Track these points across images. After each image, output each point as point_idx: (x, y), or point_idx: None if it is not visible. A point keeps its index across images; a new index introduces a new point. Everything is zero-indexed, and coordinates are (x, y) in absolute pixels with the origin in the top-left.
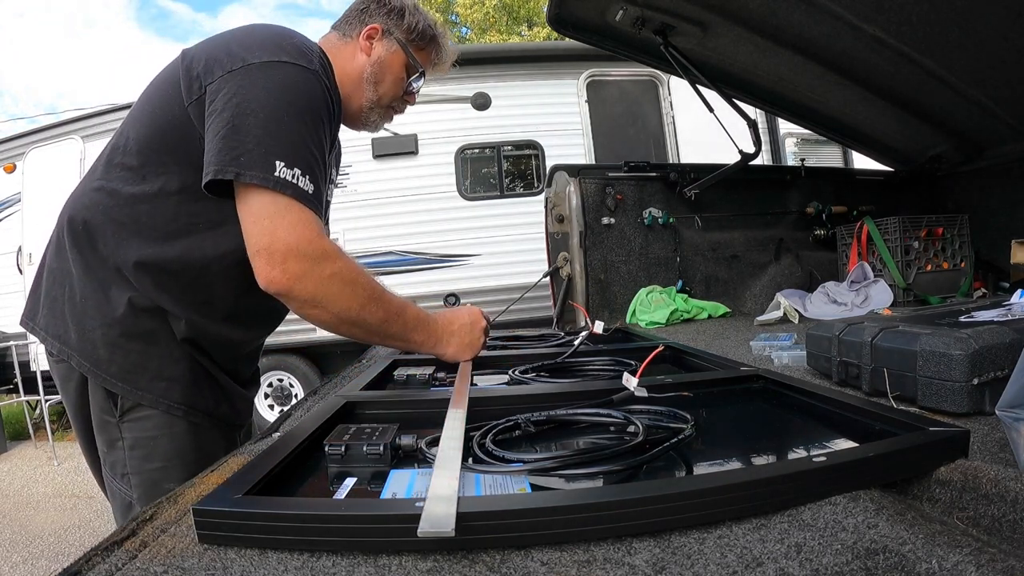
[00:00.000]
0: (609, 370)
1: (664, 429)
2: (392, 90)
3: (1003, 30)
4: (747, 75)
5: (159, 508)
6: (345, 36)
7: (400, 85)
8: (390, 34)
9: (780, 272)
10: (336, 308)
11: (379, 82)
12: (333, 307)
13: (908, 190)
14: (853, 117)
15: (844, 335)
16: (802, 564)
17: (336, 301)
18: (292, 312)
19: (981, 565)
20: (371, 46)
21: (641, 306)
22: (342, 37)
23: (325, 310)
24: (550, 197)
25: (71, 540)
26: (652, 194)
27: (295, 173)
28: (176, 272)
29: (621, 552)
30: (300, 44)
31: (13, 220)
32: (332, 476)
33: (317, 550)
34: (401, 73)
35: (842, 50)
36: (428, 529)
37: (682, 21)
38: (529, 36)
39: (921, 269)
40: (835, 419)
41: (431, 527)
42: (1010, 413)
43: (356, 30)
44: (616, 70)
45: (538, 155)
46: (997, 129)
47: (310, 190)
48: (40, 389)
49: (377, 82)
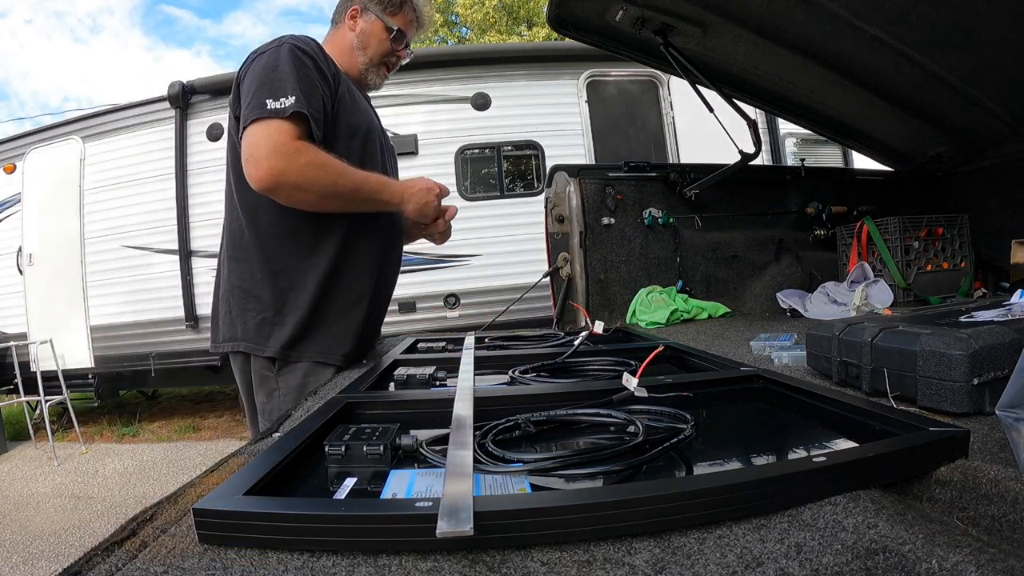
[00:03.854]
0: (609, 370)
1: (664, 429)
2: (378, 50)
3: (1003, 30)
4: (747, 75)
5: (159, 508)
6: (336, 24)
7: (384, 45)
8: (367, 9)
9: (780, 272)
10: (317, 188)
11: (365, 47)
12: (314, 188)
13: (908, 190)
14: (853, 117)
15: (844, 335)
16: (802, 564)
17: (316, 182)
18: (281, 202)
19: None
20: (355, 23)
21: (641, 306)
22: (335, 26)
23: (309, 192)
24: (550, 197)
25: (71, 541)
26: (652, 194)
27: (280, 102)
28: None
29: (621, 552)
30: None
31: (13, 220)
32: (332, 476)
33: (317, 550)
34: (382, 36)
35: (842, 50)
36: (447, 529)
37: (682, 21)
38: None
39: (921, 269)
40: (835, 419)
41: (450, 527)
42: (1010, 413)
43: (342, 15)
44: (616, 70)
45: (538, 155)
46: (997, 129)
47: (286, 104)
48: (40, 390)
49: (364, 47)
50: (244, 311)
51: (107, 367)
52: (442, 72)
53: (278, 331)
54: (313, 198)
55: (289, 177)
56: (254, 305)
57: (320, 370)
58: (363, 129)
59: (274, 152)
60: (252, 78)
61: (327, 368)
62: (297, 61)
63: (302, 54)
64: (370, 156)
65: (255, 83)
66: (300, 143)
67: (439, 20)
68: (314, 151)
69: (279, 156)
